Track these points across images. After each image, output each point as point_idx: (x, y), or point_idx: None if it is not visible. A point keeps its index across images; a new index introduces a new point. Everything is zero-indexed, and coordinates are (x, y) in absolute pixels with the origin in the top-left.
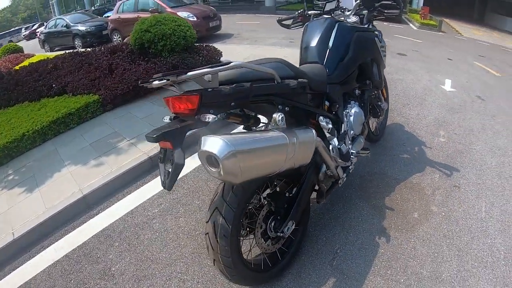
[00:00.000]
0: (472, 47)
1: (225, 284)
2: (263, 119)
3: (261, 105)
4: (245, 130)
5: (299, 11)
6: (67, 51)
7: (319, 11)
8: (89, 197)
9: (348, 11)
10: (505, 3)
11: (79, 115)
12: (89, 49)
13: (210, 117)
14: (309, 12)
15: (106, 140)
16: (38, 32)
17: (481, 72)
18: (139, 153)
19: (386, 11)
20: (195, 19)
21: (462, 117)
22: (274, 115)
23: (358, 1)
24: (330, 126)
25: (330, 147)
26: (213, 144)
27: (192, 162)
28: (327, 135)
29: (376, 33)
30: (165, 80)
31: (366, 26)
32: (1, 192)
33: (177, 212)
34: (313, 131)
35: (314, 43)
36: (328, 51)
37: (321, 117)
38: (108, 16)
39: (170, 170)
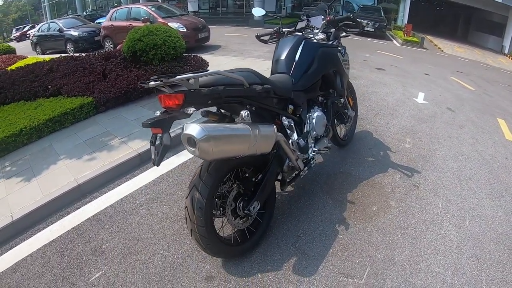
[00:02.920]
0: (452, 63)
1: (200, 258)
2: (236, 119)
3: (233, 105)
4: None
5: (275, 29)
6: (62, 55)
7: (292, 29)
8: (84, 186)
9: (317, 29)
10: (487, 22)
11: (74, 115)
12: (83, 54)
13: (191, 110)
14: (284, 30)
15: (99, 138)
16: (29, 34)
17: (456, 87)
18: (129, 150)
19: (348, 29)
20: (185, 30)
21: (430, 127)
22: (242, 112)
23: (324, 21)
24: (291, 124)
25: (290, 141)
26: (193, 129)
27: (176, 160)
28: (288, 131)
29: (340, 48)
30: (158, 82)
31: (331, 42)
32: None
33: (162, 200)
34: (274, 126)
35: (283, 56)
36: (294, 63)
37: (283, 117)
38: (100, 23)
39: (159, 150)
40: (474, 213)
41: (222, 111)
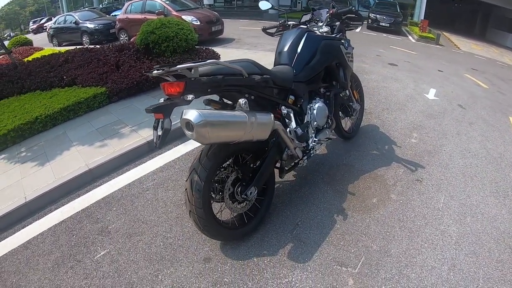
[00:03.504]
0: (467, 60)
1: (200, 241)
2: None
3: (233, 93)
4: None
5: (281, 22)
6: (77, 47)
7: (297, 22)
8: (94, 171)
9: (321, 22)
10: (507, 20)
11: (87, 104)
12: (97, 46)
13: (190, 97)
14: (289, 23)
15: (111, 126)
16: (46, 26)
17: (469, 84)
18: (139, 137)
19: (352, 22)
20: (198, 23)
21: (438, 123)
22: (240, 100)
23: (328, 14)
24: (290, 114)
25: (288, 130)
26: (191, 114)
27: (183, 148)
28: (286, 120)
29: (343, 41)
30: (161, 70)
31: (334, 35)
32: (14, 165)
33: (167, 186)
34: (271, 115)
35: (286, 48)
36: (296, 55)
37: (283, 107)
38: (115, 15)
39: (160, 134)
40: (477, 210)
41: (225, 101)
